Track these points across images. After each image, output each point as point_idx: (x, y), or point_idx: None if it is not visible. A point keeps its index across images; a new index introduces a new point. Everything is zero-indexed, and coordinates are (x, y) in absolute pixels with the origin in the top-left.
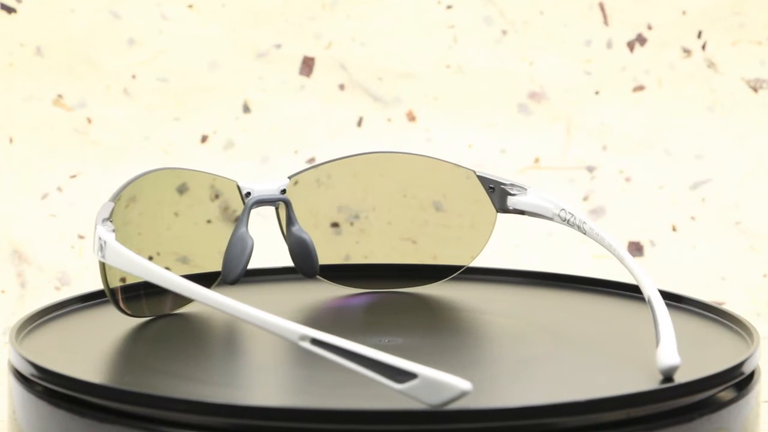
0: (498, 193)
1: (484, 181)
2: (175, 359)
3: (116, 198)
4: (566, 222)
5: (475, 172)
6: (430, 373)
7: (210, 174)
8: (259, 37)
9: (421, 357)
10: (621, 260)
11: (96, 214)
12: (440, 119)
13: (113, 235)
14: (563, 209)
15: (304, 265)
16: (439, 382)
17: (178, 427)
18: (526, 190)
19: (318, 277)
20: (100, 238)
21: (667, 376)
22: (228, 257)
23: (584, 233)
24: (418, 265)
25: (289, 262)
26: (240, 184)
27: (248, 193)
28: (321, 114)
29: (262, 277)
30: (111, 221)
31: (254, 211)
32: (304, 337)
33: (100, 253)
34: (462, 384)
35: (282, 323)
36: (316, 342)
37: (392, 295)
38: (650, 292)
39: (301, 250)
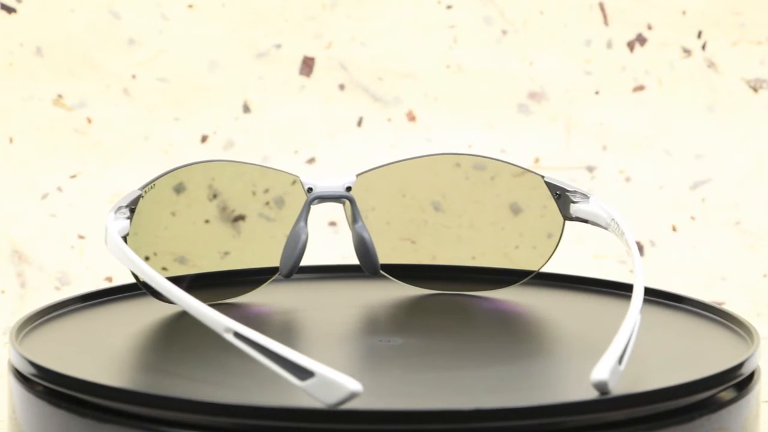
0: (563, 200)
1: (551, 187)
2: (175, 359)
3: (145, 187)
4: (613, 231)
5: (543, 178)
6: (326, 371)
7: (271, 168)
8: (259, 37)
9: (409, 358)
10: (633, 268)
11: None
12: (440, 119)
13: (119, 223)
14: (613, 218)
15: (365, 262)
16: (332, 382)
17: (178, 427)
18: (588, 198)
19: (384, 274)
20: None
21: (599, 390)
22: (284, 251)
23: (621, 241)
24: (484, 268)
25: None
26: (302, 180)
27: (310, 189)
28: (321, 114)
29: (338, 274)
30: (130, 209)
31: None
32: (228, 330)
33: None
34: (351, 385)
35: (212, 315)
36: (237, 335)
37: (416, 296)
38: (632, 305)
39: (360, 247)
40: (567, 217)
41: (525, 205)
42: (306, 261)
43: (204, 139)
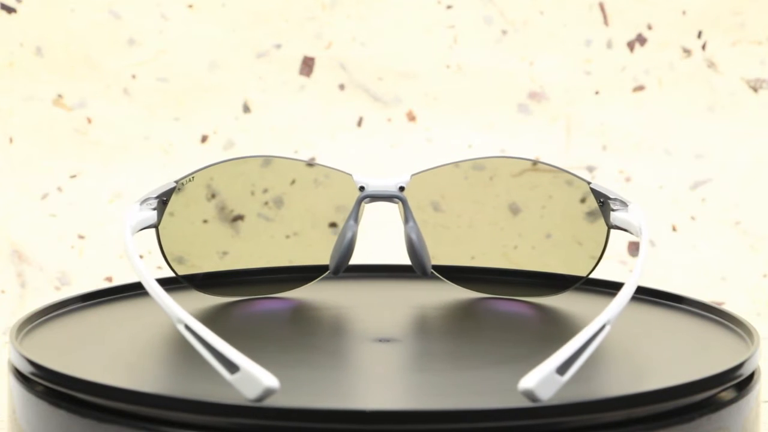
0: (606, 208)
1: (596, 194)
2: (175, 359)
3: (181, 180)
4: (640, 239)
5: (589, 184)
6: (249, 366)
7: (325, 166)
8: (259, 37)
9: (400, 359)
10: (633, 271)
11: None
12: (440, 119)
13: (142, 214)
14: (641, 226)
15: (415, 262)
16: (252, 377)
17: (178, 427)
18: (627, 206)
19: (436, 274)
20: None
21: (529, 399)
22: (333, 249)
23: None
24: (534, 272)
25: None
26: (355, 178)
27: (362, 187)
28: (321, 114)
29: (391, 273)
30: (161, 200)
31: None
32: (180, 321)
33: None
34: (268, 380)
35: (171, 306)
36: (187, 328)
37: (455, 298)
38: (600, 317)
39: (410, 248)
40: (610, 225)
41: (571, 211)
42: (314, 262)
43: (204, 139)
